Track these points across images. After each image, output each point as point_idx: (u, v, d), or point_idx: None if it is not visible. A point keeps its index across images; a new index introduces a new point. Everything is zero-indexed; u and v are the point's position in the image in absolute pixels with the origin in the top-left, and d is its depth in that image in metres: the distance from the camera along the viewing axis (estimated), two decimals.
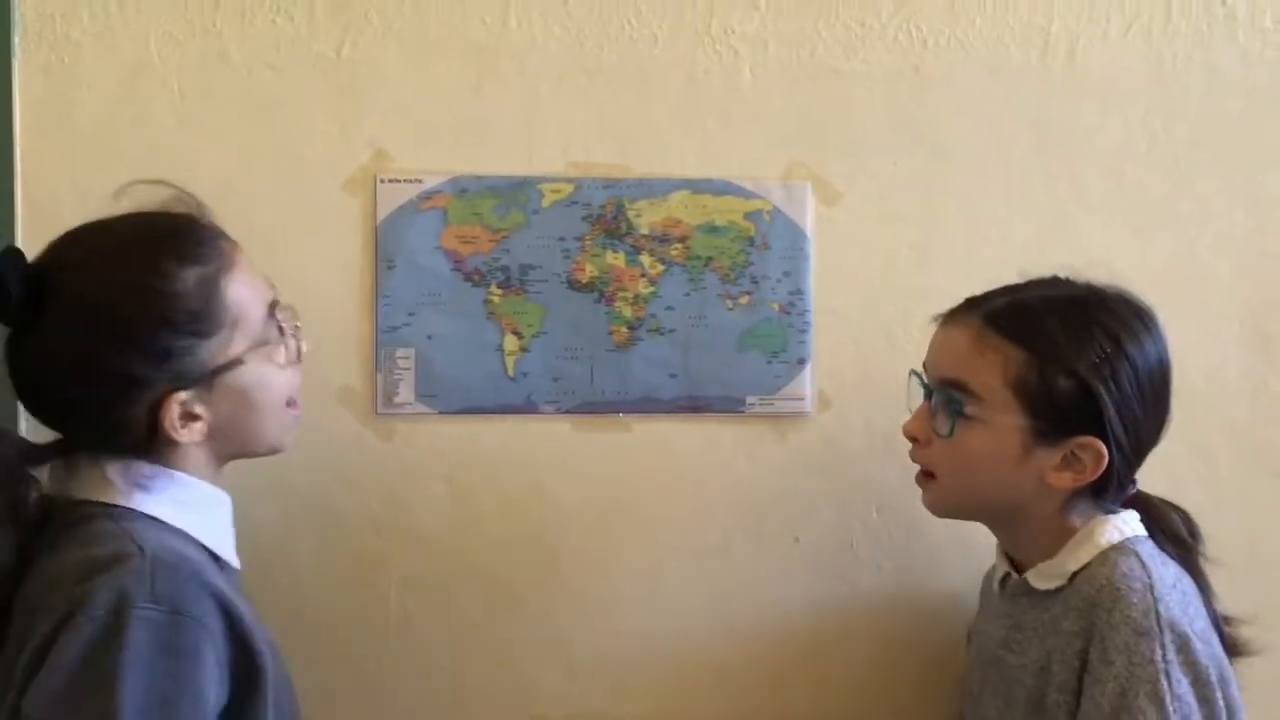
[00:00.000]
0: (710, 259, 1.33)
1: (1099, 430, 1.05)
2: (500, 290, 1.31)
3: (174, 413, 0.94)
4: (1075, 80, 1.36)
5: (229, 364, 0.97)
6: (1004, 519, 1.15)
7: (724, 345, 1.33)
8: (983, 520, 1.17)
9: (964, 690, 1.23)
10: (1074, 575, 1.07)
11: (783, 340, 1.34)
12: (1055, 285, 1.12)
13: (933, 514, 1.17)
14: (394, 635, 1.31)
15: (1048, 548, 1.10)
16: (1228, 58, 1.37)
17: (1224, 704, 1.00)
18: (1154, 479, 1.15)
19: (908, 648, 1.35)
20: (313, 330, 1.08)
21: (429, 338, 1.30)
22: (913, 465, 1.17)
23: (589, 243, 1.32)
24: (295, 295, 1.06)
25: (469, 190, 1.31)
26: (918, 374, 1.16)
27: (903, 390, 1.19)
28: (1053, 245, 1.33)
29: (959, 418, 1.09)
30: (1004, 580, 1.18)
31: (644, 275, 1.32)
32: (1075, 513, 1.10)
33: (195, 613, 0.89)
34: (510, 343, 1.31)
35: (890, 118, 1.34)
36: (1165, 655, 0.99)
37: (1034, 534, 1.11)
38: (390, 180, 1.29)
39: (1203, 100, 1.37)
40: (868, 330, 1.34)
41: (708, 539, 1.34)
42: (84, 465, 0.96)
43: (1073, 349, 1.05)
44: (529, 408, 1.32)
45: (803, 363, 1.34)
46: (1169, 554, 1.09)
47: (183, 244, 0.96)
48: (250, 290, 0.99)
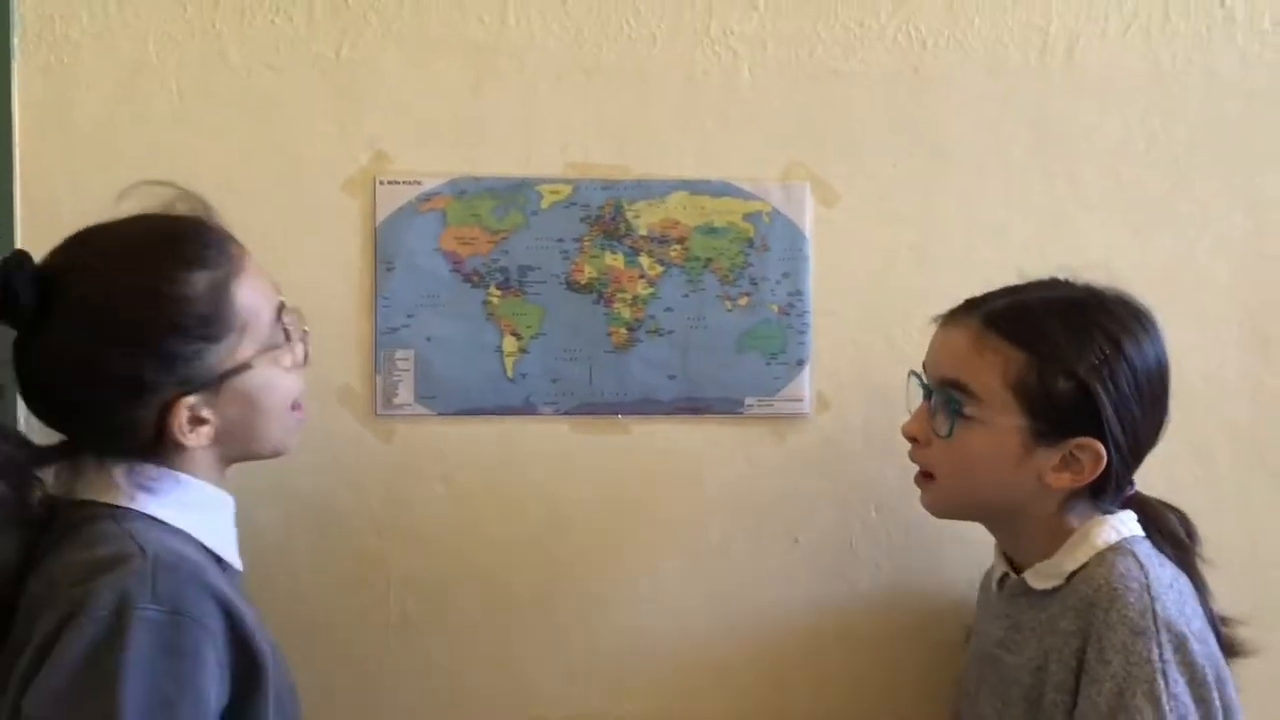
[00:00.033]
0: (709, 260, 1.33)
1: (1097, 431, 1.05)
2: (499, 291, 1.31)
3: (182, 417, 0.94)
4: (1074, 81, 1.36)
5: (237, 368, 0.97)
6: (1002, 519, 1.15)
7: (723, 346, 1.33)
8: (981, 520, 1.17)
9: (961, 689, 1.24)
10: (1071, 575, 1.08)
11: (782, 341, 1.34)
12: (1055, 287, 1.13)
13: (931, 514, 1.17)
14: (393, 635, 1.31)
15: (1045, 548, 1.10)
16: (1226, 59, 1.37)
17: (1220, 704, 1.01)
18: (1153, 479, 1.16)
19: (907, 647, 1.35)
20: (312, 331, 1.07)
21: (428, 339, 1.30)
22: (911, 466, 1.17)
23: (588, 244, 1.32)
24: (294, 296, 1.06)
25: (468, 192, 1.31)
26: (917, 374, 1.16)
27: (901, 391, 1.19)
28: (1052, 246, 1.33)
29: (958, 418, 1.09)
30: (1002, 580, 1.18)
31: (643, 276, 1.32)
32: (1073, 513, 1.10)
33: (196, 614, 0.89)
34: (509, 344, 1.31)
35: (889, 118, 1.34)
36: (1162, 655, 0.99)
37: (1032, 534, 1.12)
38: (389, 182, 1.29)
39: (1201, 101, 1.37)
40: (867, 331, 1.35)
41: (707, 540, 1.34)
42: (88, 467, 0.96)
43: (1072, 350, 1.06)
44: (528, 409, 1.32)
45: (802, 364, 1.34)
46: (1166, 554, 1.10)
47: (193, 248, 0.96)
48: (259, 294, 0.99)
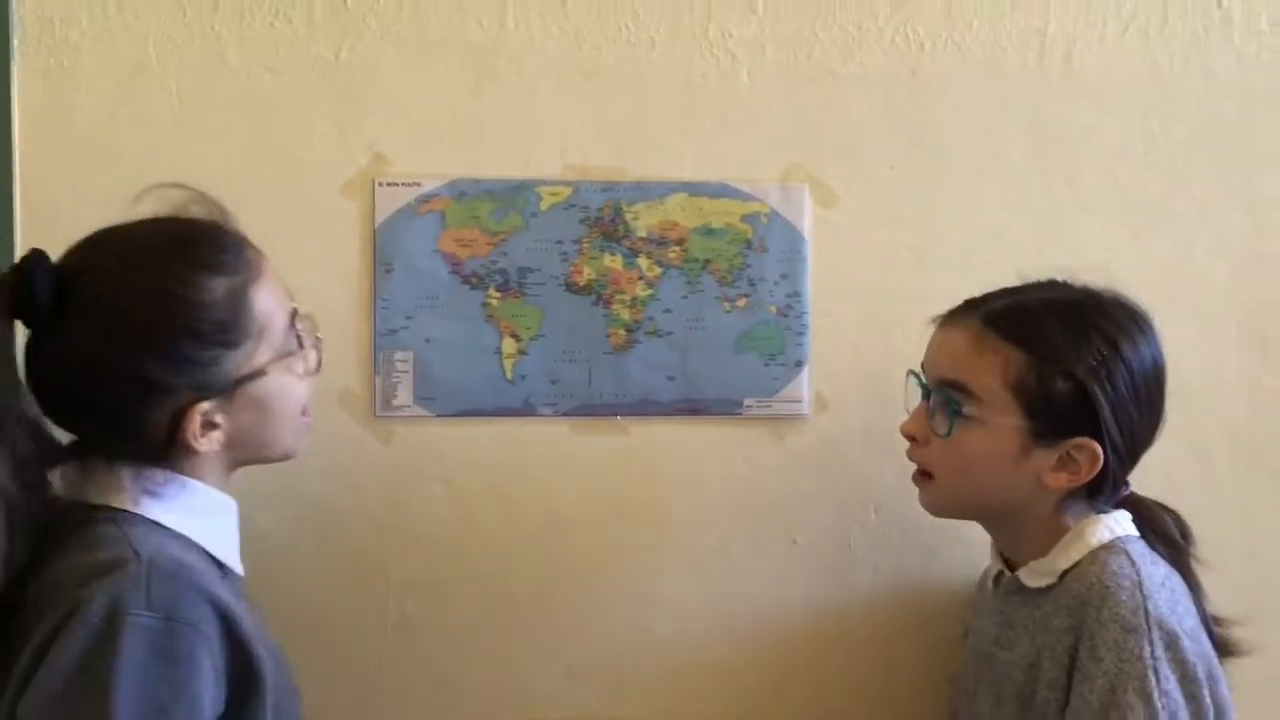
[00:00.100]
0: (708, 261, 1.33)
1: (1095, 432, 1.06)
2: (498, 293, 1.31)
3: (195, 422, 0.94)
4: (1072, 82, 1.36)
5: (252, 374, 0.96)
6: (1000, 518, 1.15)
7: (722, 347, 1.33)
8: (978, 519, 1.18)
9: (959, 688, 1.24)
10: (1065, 573, 1.08)
11: (780, 342, 1.34)
12: (1053, 288, 1.13)
13: (930, 513, 1.18)
14: (393, 636, 1.31)
15: (1041, 546, 1.11)
16: (1224, 60, 1.38)
17: (1211, 701, 1.01)
18: (1152, 480, 1.16)
19: (906, 647, 1.36)
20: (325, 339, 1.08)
21: (427, 340, 1.31)
22: (910, 467, 1.18)
23: (587, 245, 1.32)
24: (294, 298, 1.06)
25: (467, 193, 1.31)
26: (916, 374, 1.17)
27: (900, 392, 1.19)
28: (1050, 247, 1.34)
29: (957, 418, 1.09)
30: (997, 578, 1.19)
31: (642, 278, 1.32)
32: (1069, 513, 1.11)
33: (191, 619, 0.88)
34: (508, 345, 1.31)
35: (888, 120, 1.34)
36: (1154, 652, 1.00)
37: (1029, 533, 1.12)
38: (388, 184, 1.30)
39: (1199, 102, 1.38)
40: (865, 332, 1.35)
41: (706, 541, 1.34)
42: (95, 469, 0.95)
43: (1071, 351, 1.06)
44: (527, 410, 1.32)
45: (800, 365, 1.34)
46: (1160, 554, 1.10)
47: (212, 253, 0.95)
48: (275, 300, 0.99)
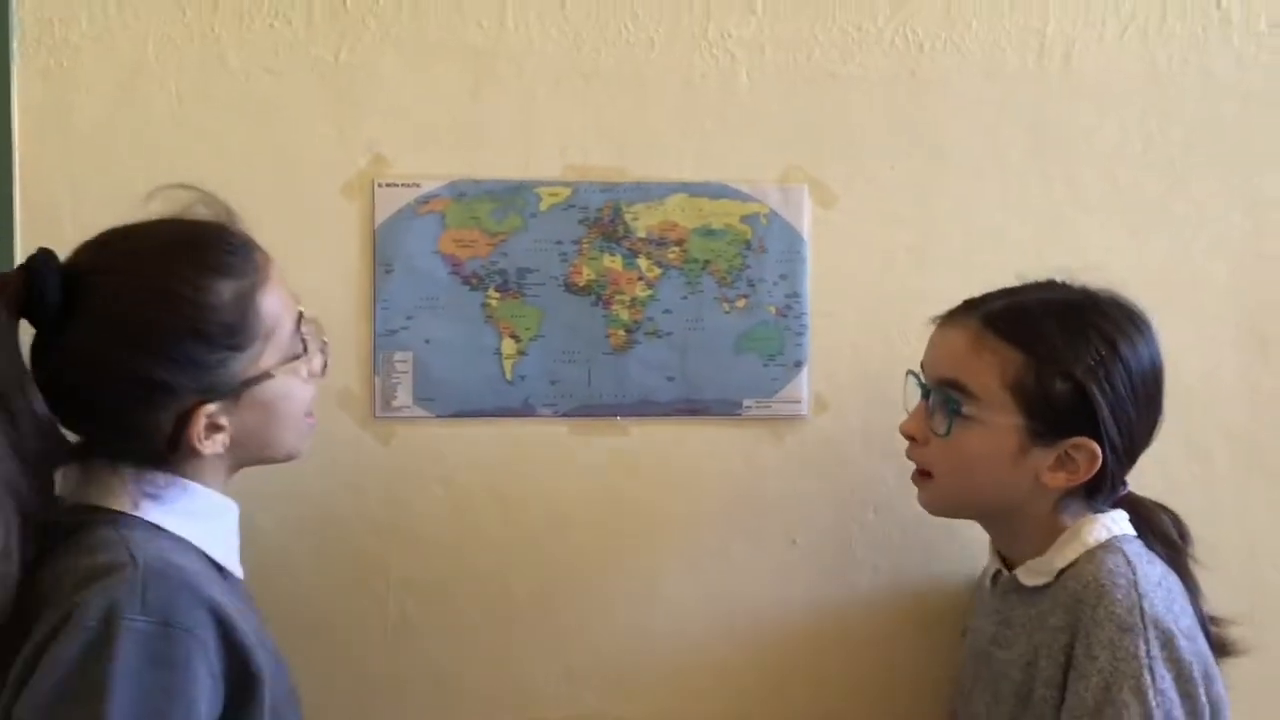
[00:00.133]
0: (707, 262, 1.33)
1: (1093, 431, 1.06)
2: (498, 294, 1.31)
3: (200, 424, 0.94)
4: (1071, 83, 1.36)
5: (258, 377, 0.96)
6: (998, 518, 1.16)
7: (721, 348, 1.33)
8: (977, 519, 1.18)
9: (957, 687, 1.24)
10: (1061, 572, 1.09)
11: (779, 343, 1.34)
12: (1052, 289, 1.13)
13: (929, 513, 1.18)
14: (392, 637, 1.31)
15: (1039, 546, 1.11)
16: (1223, 61, 1.38)
17: (1207, 700, 1.01)
18: (1151, 480, 1.16)
19: (905, 647, 1.35)
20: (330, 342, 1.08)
21: (427, 341, 1.31)
22: (909, 467, 1.18)
23: (586, 246, 1.32)
24: None
25: (466, 194, 1.31)
26: (915, 374, 1.17)
27: (899, 393, 1.19)
28: (1049, 247, 1.34)
29: (956, 417, 1.09)
30: (995, 577, 1.19)
31: (641, 278, 1.32)
32: (1067, 512, 1.11)
33: (187, 624, 0.87)
34: (508, 346, 1.31)
35: (887, 121, 1.34)
36: (1149, 651, 1.00)
37: (1027, 532, 1.12)
38: (388, 184, 1.30)
39: (1198, 103, 1.38)
40: (865, 333, 1.35)
41: (706, 541, 1.34)
42: (97, 470, 0.95)
43: (1069, 351, 1.06)
44: (527, 411, 1.32)
45: (800, 365, 1.34)
46: (1158, 554, 1.11)
47: (221, 256, 0.95)
48: (282, 304, 0.99)
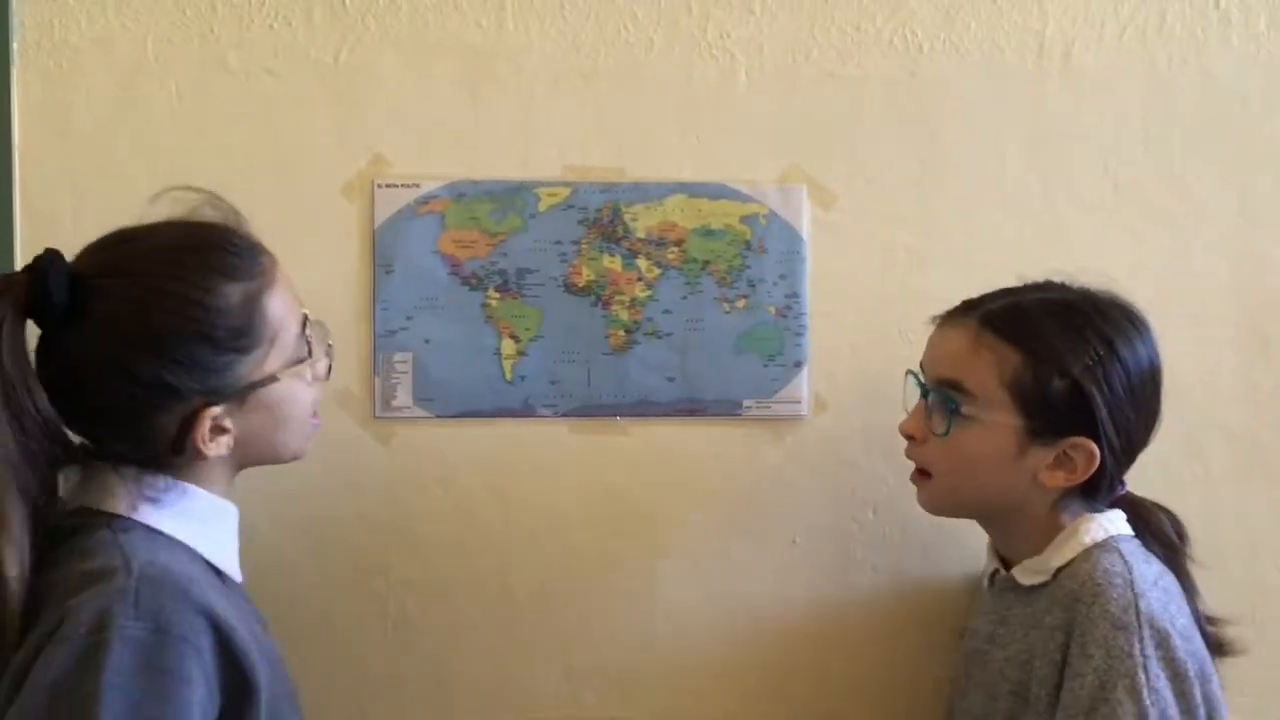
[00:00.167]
0: (707, 262, 1.33)
1: (1091, 431, 1.06)
2: (497, 294, 1.31)
3: (205, 427, 0.94)
4: (1070, 84, 1.36)
5: (264, 380, 0.96)
6: (997, 517, 1.16)
7: (721, 348, 1.33)
8: (976, 518, 1.18)
9: (955, 686, 1.24)
10: (1058, 571, 1.09)
11: (779, 343, 1.34)
12: (1050, 289, 1.13)
13: (928, 512, 1.18)
14: (392, 637, 1.31)
15: (1037, 545, 1.11)
16: (1222, 61, 1.38)
17: (1202, 700, 1.01)
18: (1150, 481, 1.16)
19: (906, 647, 1.35)
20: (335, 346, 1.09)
21: (426, 341, 1.31)
22: (909, 467, 1.18)
23: (586, 246, 1.32)
24: None
25: (466, 195, 1.31)
26: (914, 373, 1.17)
27: (899, 393, 1.20)
28: (1048, 248, 1.34)
29: (955, 417, 1.09)
30: (993, 576, 1.19)
31: (641, 279, 1.33)
32: (1066, 512, 1.11)
33: (180, 630, 0.86)
34: (507, 346, 1.32)
35: (886, 122, 1.35)
36: (1144, 650, 1.00)
37: (1025, 532, 1.12)
38: (388, 185, 1.30)
39: (1197, 103, 1.38)
40: (864, 333, 1.35)
41: (706, 541, 1.34)
42: (98, 473, 0.95)
43: (1067, 351, 1.07)
44: (526, 411, 1.32)
45: (799, 365, 1.34)
46: (1156, 554, 1.11)
47: (228, 258, 0.95)
48: (288, 307, 0.99)
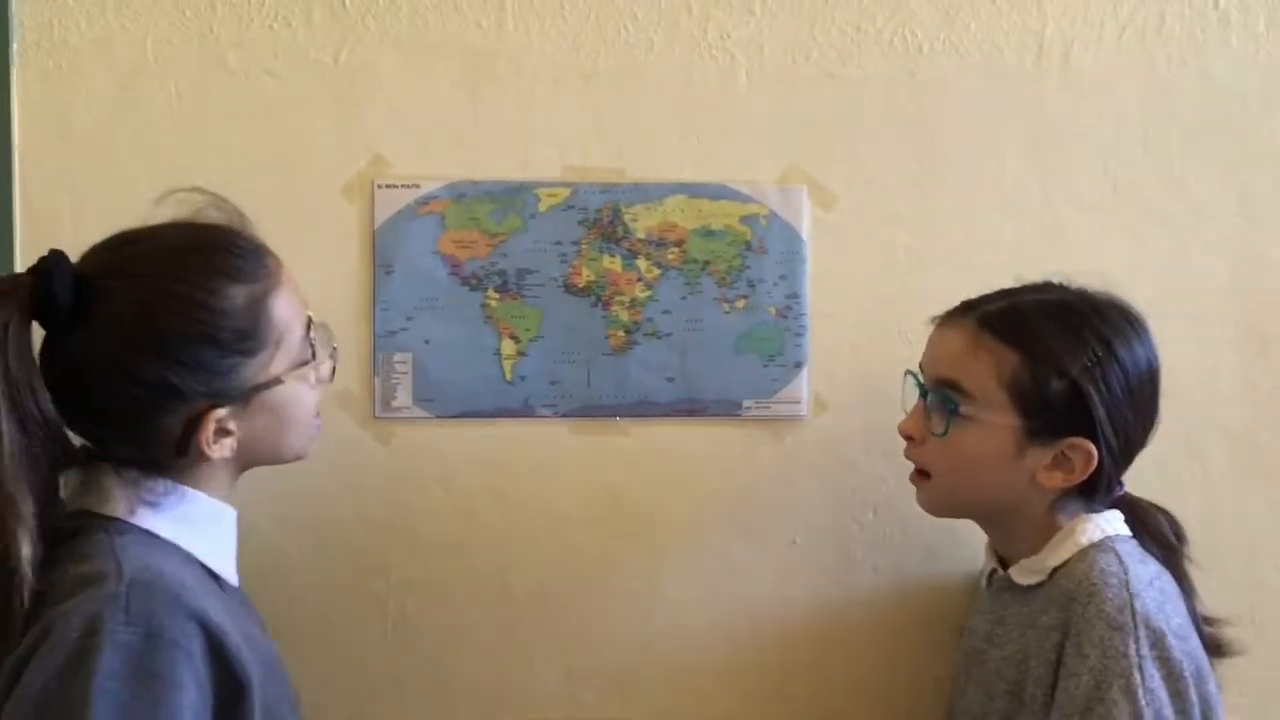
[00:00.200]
0: (707, 263, 1.33)
1: (1089, 432, 1.06)
2: (497, 294, 1.31)
3: (209, 429, 0.94)
4: (1070, 84, 1.36)
5: (268, 382, 0.96)
6: (995, 517, 1.16)
7: (721, 349, 1.33)
8: (974, 518, 1.18)
9: (953, 685, 1.24)
10: (1055, 571, 1.09)
11: (779, 344, 1.34)
12: (1049, 290, 1.14)
13: (927, 512, 1.18)
14: (392, 637, 1.31)
15: (1035, 545, 1.12)
16: (1221, 62, 1.38)
17: (1198, 700, 1.01)
18: (1149, 481, 1.16)
19: (906, 648, 1.35)
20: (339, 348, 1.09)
21: (426, 342, 1.31)
22: (909, 467, 1.18)
23: (586, 247, 1.32)
24: None
25: (466, 195, 1.31)
26: (913, 374, 1.17)
27: (898, 393, 1.20)
28: (1047, 248, 1.34)
29: (954, 417, 1.10)
30: (990, 576, 1.19)
31: (640, 279, 1.33)
32: (1064, 512, 1.11)
33: (172, 635, 0.86)
34: (507, 346, 1.32)
35: (886, 122, 1.35)
36: (1139, 650, 1.00)
37: (1023, 532, 1.13)
38: (388, 185, 1.30)
39: (1197, 104, 1.38)
40: (864, 334, 1.35)
41: (705, 542, 1.34)
42: (98, 475, 0.94)
43: (1065, 352, 1.07)
44: (526, 411, 1.32)
45: (799, 366, 1.34)
46: (1153, 555, 1.11)
47: (233, 260, 0.95)
48: (292, 309, 0.99)
